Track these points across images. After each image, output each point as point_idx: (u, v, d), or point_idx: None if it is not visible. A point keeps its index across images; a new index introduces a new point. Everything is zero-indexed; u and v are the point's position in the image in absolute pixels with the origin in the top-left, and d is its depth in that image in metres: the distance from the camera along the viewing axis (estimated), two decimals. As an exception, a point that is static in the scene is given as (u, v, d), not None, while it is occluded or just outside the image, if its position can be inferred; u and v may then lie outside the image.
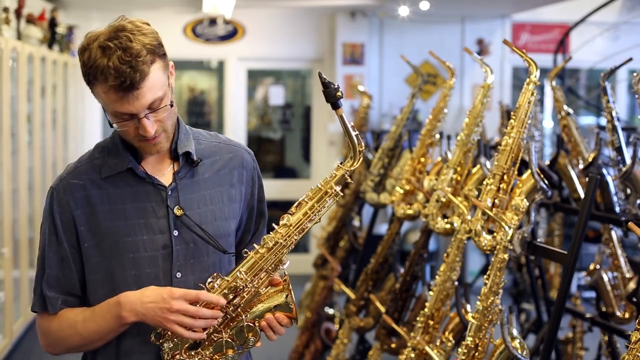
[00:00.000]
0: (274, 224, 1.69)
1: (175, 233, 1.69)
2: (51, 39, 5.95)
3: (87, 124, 7.14)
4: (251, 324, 1.67)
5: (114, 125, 1.62)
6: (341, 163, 1.69)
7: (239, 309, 1.67)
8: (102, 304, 1.66)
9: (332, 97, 1.60)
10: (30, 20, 5.39)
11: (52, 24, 6.01)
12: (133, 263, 1.67)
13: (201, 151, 1.77)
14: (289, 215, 1.68)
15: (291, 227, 1.67)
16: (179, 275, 1.69)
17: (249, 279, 1.65)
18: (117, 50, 1.53)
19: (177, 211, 1.69)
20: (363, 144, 1.67)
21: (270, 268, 1.67)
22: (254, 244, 1.69)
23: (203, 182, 1.75)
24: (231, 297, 1.65)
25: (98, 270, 1.69)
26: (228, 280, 1.65)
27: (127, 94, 1.55)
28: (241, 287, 1.65)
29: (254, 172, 1.85)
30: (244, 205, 1.83)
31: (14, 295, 4.87)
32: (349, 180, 1.70)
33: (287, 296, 1.68)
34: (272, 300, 1.68)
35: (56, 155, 5.97)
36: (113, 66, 1.52)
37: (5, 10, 4.86)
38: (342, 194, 1.70)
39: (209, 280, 1.65)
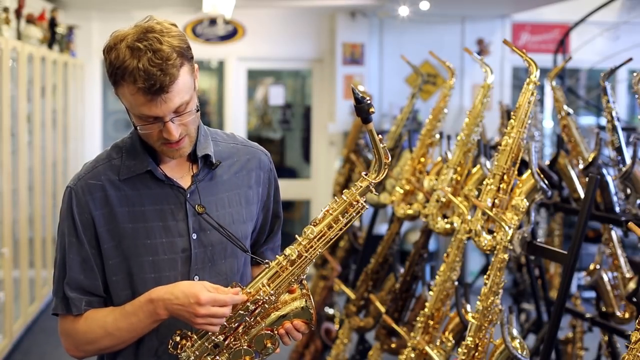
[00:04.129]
0: (296, 235, 1.66)
1: (194, 236, 1.69)
2: (51, 39, 5.95)
3: (87, 124, 7.14)
4: (269, 332, 1.66)
5: (138, 128, 1.61)
6: (366, 174, 1.67)
7: (257, 317, 1.66)
8: (132, 302, 1.65)
9: (365, 113, 1.58)
10: (30, 20, 5.39)
11: (52, 24, 6.01)
12: (152, 266, 1.67)
13: (219, 152, 1.75)
14: (312, 227, 1.65)
15: (314, 240, 1.65)
16: (196, 278, 1.69)
17: (272, 291, 1.64)
18: (147, 52, 1.50)
19: (199, 208, 1.68)
20: (390, 156, 1.65)
21: (293, 280, 1.66)
22: (277, 255, 1.67)
23: (221, 185, 1.74)
24: (252, 307, 1.64)
25: (118, 271, 1.68)
26: (251, 293, 1.63)
27: (155, 97, 1.53)
28: (265, 300, 1.64)
29: (271, 174, 1.84)
30: (260, 206, 1.82)
31: (14, 295, 4.86)
32: (374, 192, 1.67)
33: (306, 301, 1.67)
34: (290, 307, 1.67)
35: (56, 155, 5.97)
36: (143, 68, 1.50)
37: (5, 10, 4.86)
38: (367, 206, 1.68)
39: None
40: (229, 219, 1.72)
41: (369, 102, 1.58)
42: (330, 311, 4.29)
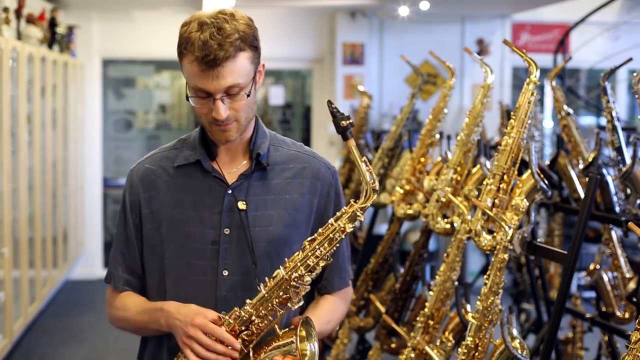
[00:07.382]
0: (285, 258, 1.66)
1: (226, 231, 1.71)
2: (51, 39, 5.95)
3: (87, 124, 7.14)
4: None
5: (190, 100, 1.66)
6: (355, 201, 1.66)
7: (249, 345, 1.65)
8: (153, 304, 1.74)
9: (340, 127, 1.59)
10: (30, 20, 5.39)
11: (52, 24, 6.00)
12: (182, 252, 1.72)
13: (276, 157, 1.78)
14: (300, 251, 1.65)
15: (298, 264, 1.63)
16: (225, 273, 1.71)
17: (253, 311, 1.63)
18: (212, 28, 1.59)
19: (241, 205, 1.71)
20: (377, 181, 1.63)
21: (276, 302, 1.64)
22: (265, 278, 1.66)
23: (269, 187, 1.75)
24: (242, 329, 1.64)
25: (154, 252, 1.76)
26: (236, 312, 1.64)
27: (209, 70, 1.59)
28: (246, 319, 1.63)
29: (331, 188, 1.82)
30: (314, 219, 1.80)
31: (14, 295, 4.86)
32: (361, 218, 1.67)
33: (292, 342, 1.65)
34: (283, 341, 1.65)
35: (56, 155, 5.97)
36: (203, 39, 1.58)
37: (5, 10, 4.86)
38: (352, 228, 1.68)
39: (223, 312, 1.66)
40: (267, 220, 1.73)
41: (344, 115, 1.58)
42: (330, 311, 4.28)
